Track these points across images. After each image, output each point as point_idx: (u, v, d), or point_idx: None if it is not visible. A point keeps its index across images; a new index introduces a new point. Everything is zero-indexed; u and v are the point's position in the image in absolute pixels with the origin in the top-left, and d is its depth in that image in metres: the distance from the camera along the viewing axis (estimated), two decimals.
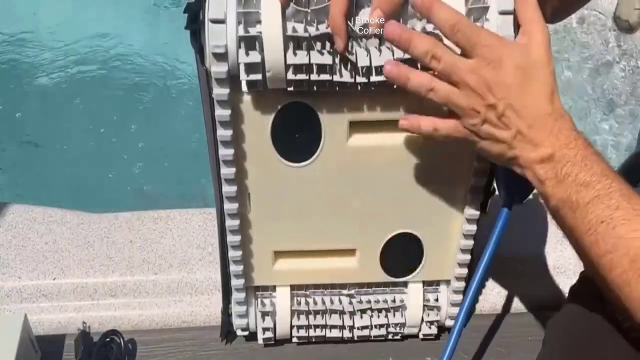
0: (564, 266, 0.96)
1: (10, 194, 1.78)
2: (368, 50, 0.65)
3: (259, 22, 0.64)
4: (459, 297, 0.85)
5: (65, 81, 2.10)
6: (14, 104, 2.04)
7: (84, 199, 1.74)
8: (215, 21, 0.64)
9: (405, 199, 0.77)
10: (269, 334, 0.86)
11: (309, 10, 0.63)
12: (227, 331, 0.88)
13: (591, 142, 0.61)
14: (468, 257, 0.81)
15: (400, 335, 0.88)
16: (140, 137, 1.96)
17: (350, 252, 0.82)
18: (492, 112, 0.61)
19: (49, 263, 0.95)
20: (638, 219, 0.56)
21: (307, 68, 0.65)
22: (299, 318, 0.85)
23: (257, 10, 0.64)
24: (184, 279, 0.94)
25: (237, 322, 0.86)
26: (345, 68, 0.65)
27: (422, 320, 0.87)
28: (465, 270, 0.83)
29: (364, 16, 0.63)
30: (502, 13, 0.65)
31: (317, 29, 0.64)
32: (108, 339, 0.86)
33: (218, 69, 0.65)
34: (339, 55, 0.65)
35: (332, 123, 0.71)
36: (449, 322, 0.88)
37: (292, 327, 0.86)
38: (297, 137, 0.71)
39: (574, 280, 0.80)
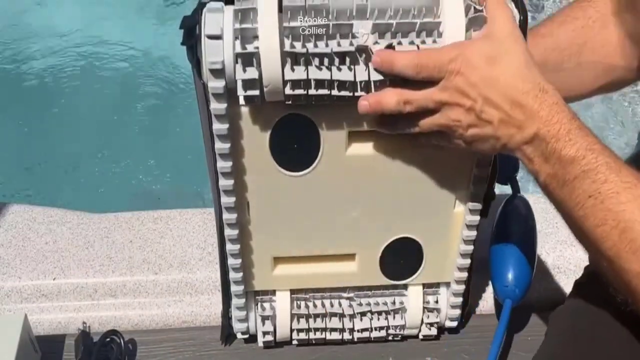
0: (564, 266, 0.96)
1: (15, 194, 1.79)
2: (367, 65, 0.64)
3: (256, 37, 0.63)
4: (459, 299, 0.85)
5: (66, 80, 2.10)
6: (15, 104, 2.04)
7: (85, 199, 1.74)
8: (211, 37, 0.63)
9: (404, 205, 0.77)
10: (269, 337, 0.86)
11: (306, 26, 0.63)
12: (227, 334, 0.88)
13: (575, 113, 0.61)
14: (468, 261, 0.81)
15: (400, 336, 0.88)
16: (141, 136, 1.96)
17: (350, 256, 0.81)
18: (471, 115, 0.61)
19: (49, 263, 0.95)
20: (627, 192, 0.56)
21: (305, 83, 0.65)
22: (298, 321, 0.85)
23: (254, 26, 0.63)
24: (184, 279, 0.94)
25: (237, 326, 0.86)
26: (344, 83, 0.65)
27: (422, 322, 0.87)
28: (465, 274, 0.83)
29: (361, 29, 0.63)
30: None
31: (315, 45, 0.63)
32: (108, 339, 0.86)
33: (215, 84, 0.65)
34: (337, 71, 0.64)
35: (331, 134, 0.70)
36: (448, 323, 0.88)
37: (292, 330, 0.86)
38: (295, 148, 0.71)
39: (573, 280, 0.80)
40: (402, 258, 0.81)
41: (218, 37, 0.63)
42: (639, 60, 0.79)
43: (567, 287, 0.94)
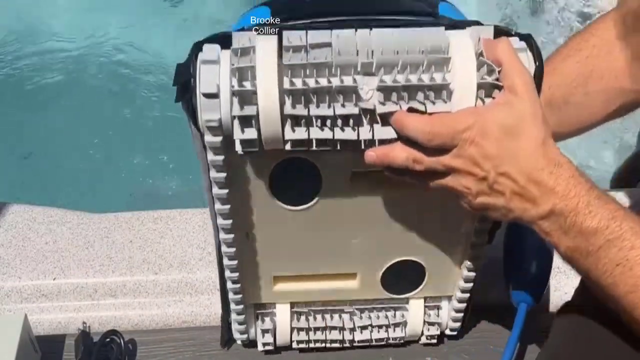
0: (564, 266, 0.96)
1: (13, 194, 1.78)
2: (371, 125, 0.61)
3: (255, 93, 0.59)
4: (460, 314, 0.85)
5: (68, 80, 2.10)
6: (16, 104, 2.04)
7: (84, 199, 1.74)
8: (208, 95, 0.59)
9: (407, 235, 0.75)
10: (269, 347, 0.87)
11: (308, 87, 0.59)
12: (227, 339, 0.88)
13: (593, 182, 0.59)
14: (470, 285, 0.80)
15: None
16: (141, 135, 1.96)
17: (351, 275, 0.81)
18: (483, 184, 0.59)
19: (49, 263, 0.95)
20: None
21: (306, 141, 0.62)
22: (298, 334, 0.85)
23: (252, 88, 0.59)
24: (184, 279, 0.94)
25: (237, 335, 0.86)
26: (346, 141, 0.62)
27: (422, 333, 0.87)
28: (467, 295, 0.82)
29: (365, 85, 0.60)
30: None
31: (318, 106, 0.60)
32: (108, 339, 0.86)
33: (212, 139, 0.62)
34: (340, 131, 0.61)
35: (333, 174, 0.68)
36: (449, 332, 0.88)
37: (292, 340, 0.86)
38: (295, 187, 0.69)
39: (574, 280, 0.80)
40: (404, 276, 0.80)
41: (214, 96, 0.59)
42: None
43: (567, 287, 0.94)
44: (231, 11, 2.11)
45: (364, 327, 0.85)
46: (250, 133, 0.61)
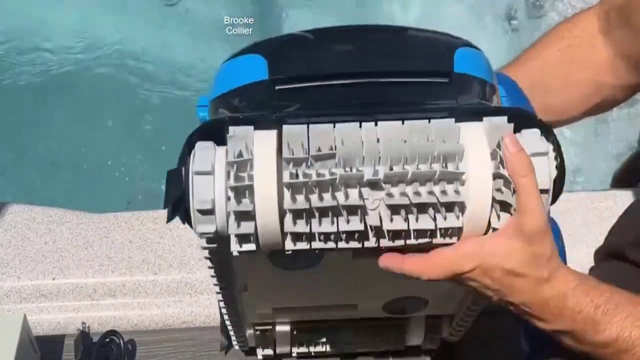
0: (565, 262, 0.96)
1: (11, 194, 1.79)
2: (377, 239, 0.58)
3: (254, 209, 0.56)
4: (462, 330, 0.84)
5: (68, 79, 2.10)
6: (14, 104, 2.04)
7: (84, 199, 1.74)
8: (203, 212, 0.56)
9: (410, 283, 0.74)
10: (268, 357, 0.87)
11: (312, 207, 0.55)
12: (226, 345, 0.88)
13: (600, 297, 0.59)
14: (478, 307, 0.78)
15: None
16: (141, 134, 1.96)
17: (352, 305, 0.80)
18: (490, 297, 0.60)
19: (48, 263, 0.95)
20: None
21: (309, 250, 0.59)
22: (298, 347, 0.85)
23: (250, 208, 0.55)
24: (184, 279, 0.94)
25: (236, 347, 0.87)
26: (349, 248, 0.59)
27: (422, 345, 0.87)
28: (472, 313, 0.80)
29: (372, 196, 0.56)
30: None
31: (320, 222, 0.56)
32: (108, 340, 0.86)
33: (208, 245, 0.60)
34: (344, 243, 0.58)
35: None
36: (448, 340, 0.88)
37: (291, 351, 0.86)
38: (296, 258, 0.65)
39: None
40: (406, 304, 0.79)
41: (210, 212, 0.56)
42: (631, 77, 0.78)
43: None
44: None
45: (364, 343, 0.85)
46: (249, 246, 0.58)
